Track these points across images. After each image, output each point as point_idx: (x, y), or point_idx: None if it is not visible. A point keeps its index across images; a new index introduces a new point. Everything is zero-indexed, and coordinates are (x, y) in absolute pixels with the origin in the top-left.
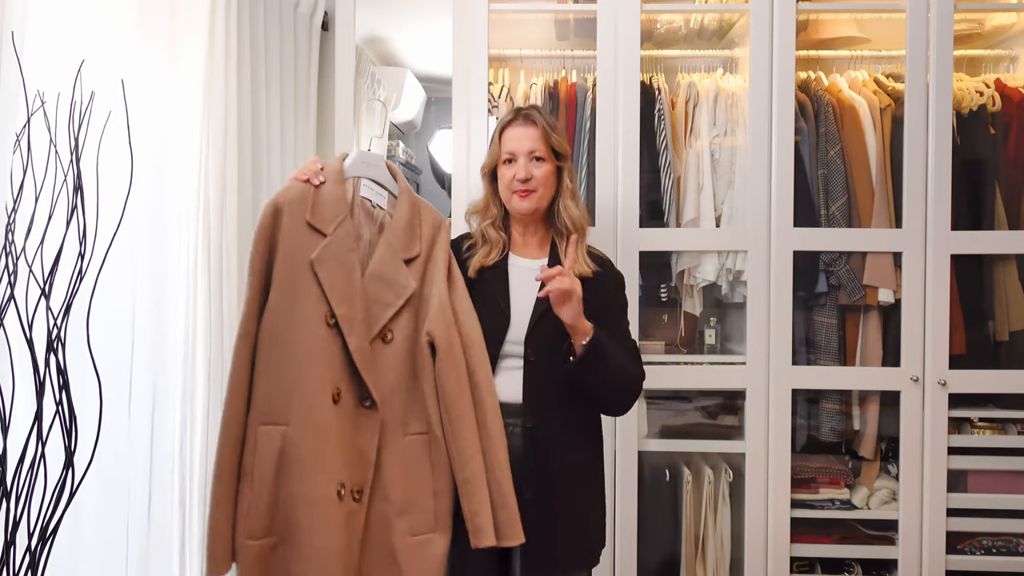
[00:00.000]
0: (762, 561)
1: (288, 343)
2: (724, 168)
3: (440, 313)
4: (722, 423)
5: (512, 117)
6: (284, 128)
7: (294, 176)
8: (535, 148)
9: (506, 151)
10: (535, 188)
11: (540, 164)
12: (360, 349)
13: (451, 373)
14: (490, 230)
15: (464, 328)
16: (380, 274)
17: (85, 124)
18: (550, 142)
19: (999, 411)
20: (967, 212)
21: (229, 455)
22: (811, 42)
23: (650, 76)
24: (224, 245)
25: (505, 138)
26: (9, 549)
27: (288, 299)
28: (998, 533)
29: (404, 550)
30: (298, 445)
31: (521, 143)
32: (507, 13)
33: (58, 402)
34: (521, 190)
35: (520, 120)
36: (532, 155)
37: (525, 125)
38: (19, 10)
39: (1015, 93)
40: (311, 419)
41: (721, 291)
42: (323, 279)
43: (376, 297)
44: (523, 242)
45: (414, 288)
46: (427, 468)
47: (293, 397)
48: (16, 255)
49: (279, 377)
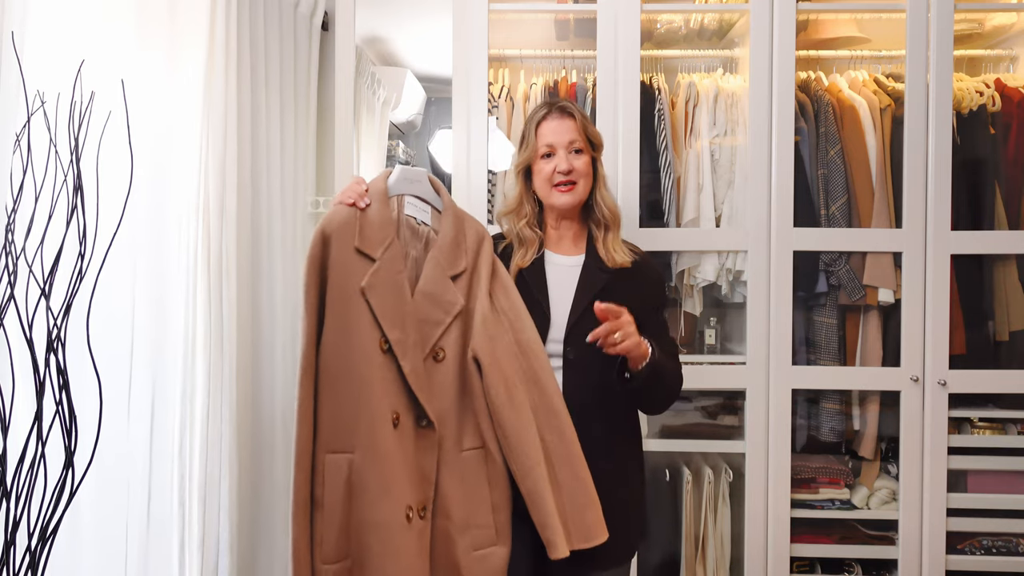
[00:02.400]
0: (762, 561)
1: (346, 372)
2: (724, 168)
3: (482, 328)
4: (722, 423)
5: (547, 111)
6: (284, 128)
7: (339, 200)
8: (574, 139)
9: (544, 144)
10: (576, 180)
11: (580, 156)
12: (414, 371)
13: (498, 388)
14: (526, 230)
15: (522, 335)
16: (429, 292)
17: (85, 124)
18: (587, 133)
19: (999, 411)
20: (967, 212)
21: (303, 485)
22: (811, 42)
23: (650, 76)
24: (224, 245)
25: (542, 132)
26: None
27: (342, 328)
28: (998, 533)
29: (468, 566)
30: (364, 472)
31: (560, 135)
32: (507, 13)
33: (58, 402)
34: (563, 182)
35: (556, 113)
36: (572, 147)
37: (562, 117)
38: (19, 10)
39: (1015, 93)
40: (374, 446)
41: (721, 291)
42: (374, 306)
43: (426, 316)
44: (557, 237)
45: (462, 304)
46: (484, 483)
47: (356, 425)
48: (16, 255)
49: (341, 405)
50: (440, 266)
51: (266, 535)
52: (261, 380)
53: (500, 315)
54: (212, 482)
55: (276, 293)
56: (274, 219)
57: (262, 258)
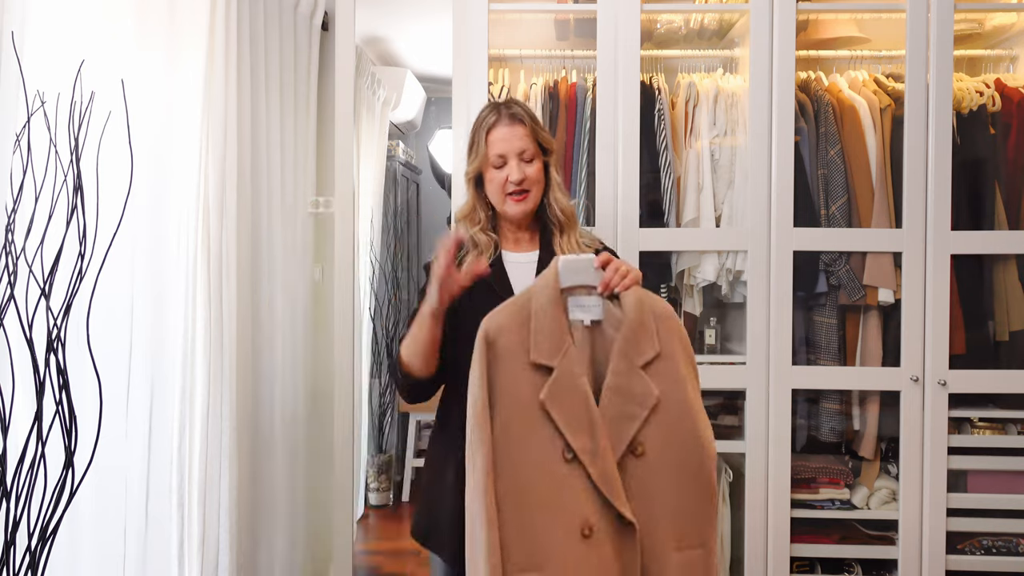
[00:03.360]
0: (762, 561)
1: (528, 485)
2: (724, 168)
3: (679, 418)
4: (722, 423)
5: (497, 117)
6: (284, 128)
7: None
8: (525, 148)
9: (495, 154)
10: (529, 188)
11: (531, 164)
12: (603, 476)
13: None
14: (480, 235)
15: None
16: (618, 387)
17: (85, 124)
18: (537, 138)
19: (999, 411)
20: (967, 212)
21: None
22: (811, 42)
23: (650, 76)
24: (224, 245)
25: (492, 140)
26: (9, 549)
27: (520, 441)
28: (998, 533)
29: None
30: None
31: (511, 143)
32: (507, 13)
33: (58, 402)
34: (515, 192)
35: (506, 120)
36: (523, 156)
37: (512, 124)
38: (19, 10)
39: (1015, 93)
40: (565, 561)
41: (721, 291)
42: (556, 416)
43: (618, 412)
44: (514, 239)
45: (657, 395)
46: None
47: (543, 540)
48: (16, 255)
49: (524, 520)
50: (627, 357)
51: (266, 535)
52: (261, 380)
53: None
54: (212, 482)
55: (276, 293)
56: (274, 219)
57: (262, 258)
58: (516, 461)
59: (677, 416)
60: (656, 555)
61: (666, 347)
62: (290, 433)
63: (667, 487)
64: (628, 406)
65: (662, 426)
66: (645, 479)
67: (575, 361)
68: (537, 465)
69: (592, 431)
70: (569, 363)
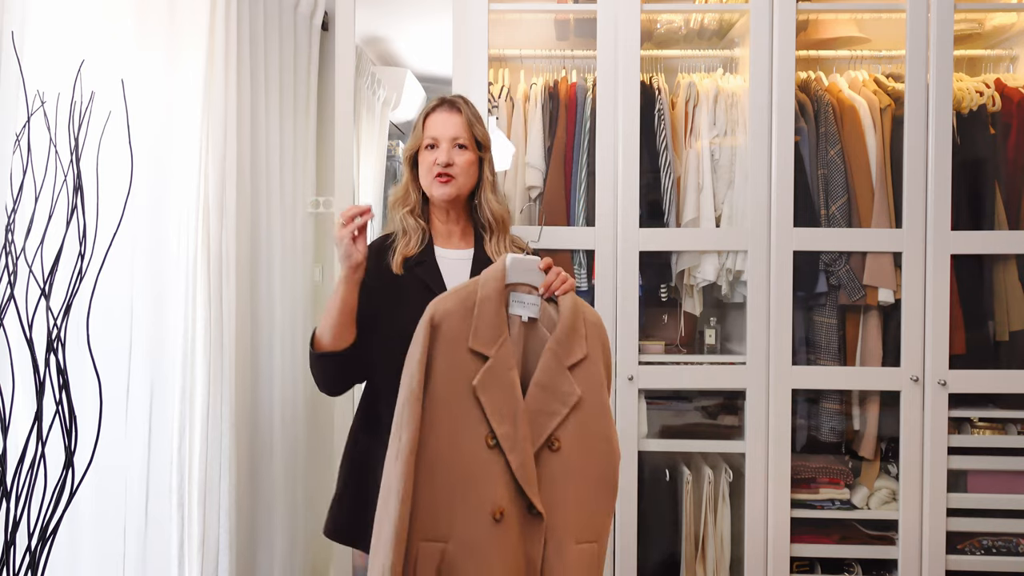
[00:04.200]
0: (762, 561)
1: (448, 463)
2: (724, 168)
3: (595, 418)
4: (722, 423)
5: (437, 104)
6: (284, 128)
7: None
8: (458, 135)
9: (429, 136)
10: (456, 175)
11: (463, 152)
12: (522, 465)
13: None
14: (408, 217)
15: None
16: (544, 384)
17: (85, 124)
18: (473, 131)
19: (999, 411)
20: (967, 212)
21: (398, 568)
22: (811, 42)
23: (650, 76)
24: (224, 245)
25: (428, 124)
26: (9, 549)
27: (447, 420)
28: (998, 533)
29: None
30: (456, 564)
31: (445, 129)
32: (507, 13)
33: (58, 402)
34: (442, 174)
35: (445, 107)
36: (455, 142)
37: (450, 112)
38: (19, 10)
39: (1015, 93)
40: (471, 539)
41: (721, 291)
42: (485, 403)
43: (541, 407)
44: (447, 232)
45: (579, 395)
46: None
47: (453, 516)
48: (16, 255)
49: (438, 495)
50: (557, 356)
51: (266, 535)
52: (261, 380)
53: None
54: (211, 482)
55: (276, 293)
56: (274, 219)
57: (262, 258)
58: (440, 440)
59: (593, 416)
60: (557, 546)
61: (592, 351)
62: (290, 433)
63: (576, 482)
64: (552, 403)
65: (579, 425)
66: (557, 473)
67: (509, 353)
68: (460, 447)
69: (515, 421)
70: (504, 354)
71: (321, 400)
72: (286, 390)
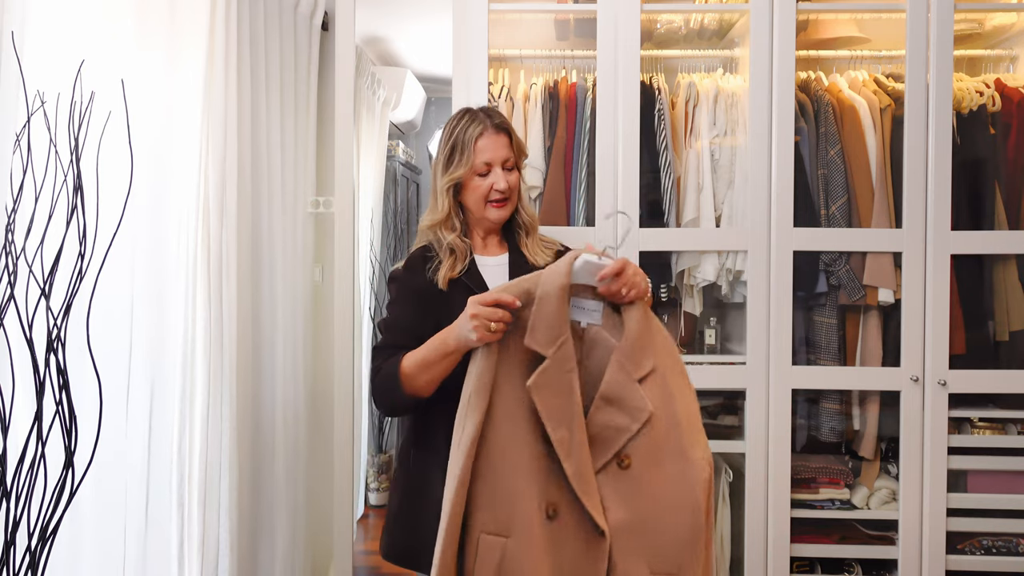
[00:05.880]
0: (762, 561)
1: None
2: (724, 168)
3: (666, 435)
4: (722, 423)
5: (483, 128)
6: (284, 128)
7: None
8: (509, 157)
9: (482, 161)
10: (512, 197)
11: (513, 173)
12: (578, 475)
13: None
14: (458, 242)
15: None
16: (611, 396)
17: (85, 124)
18: (516, 148)
19: (999, 411)
20: (967, 212)
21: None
22: (811, 42)
23: (650, 76)
24: (224, 245)
25: (480, 149)
26: (9, 549)
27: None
28: (998, 533)
29: None
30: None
31: (496, 152)
32: (507, 13)
33: (58, 402)
34: (499, 200)
35: (492, 130)
36: (507, 164)
37: (498, 134)
38: (19, 10)
39: (1015, 93)
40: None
41: (721, 291)
42: (539, 404)
43: (607, 421)
44: (483, 244)
45: (650, 410)
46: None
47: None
48: (16, 255)
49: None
50: (624, 369)
51: (266, 535)
52: (261, 380)
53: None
54: (212, 482)
55: (277, 293)
56: (274, 219)
57: (262, 258)
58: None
59: (665, 433)
60: (625, 571)
61: (660, 362)
62: (290, 433)
63: (648, 504)
64: (619, 417)
65: (651, 442)
66: (626, 492)
67: (569, 355)
68: (521, 442)
69: (571, 426)
70: (563, 356)
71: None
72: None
